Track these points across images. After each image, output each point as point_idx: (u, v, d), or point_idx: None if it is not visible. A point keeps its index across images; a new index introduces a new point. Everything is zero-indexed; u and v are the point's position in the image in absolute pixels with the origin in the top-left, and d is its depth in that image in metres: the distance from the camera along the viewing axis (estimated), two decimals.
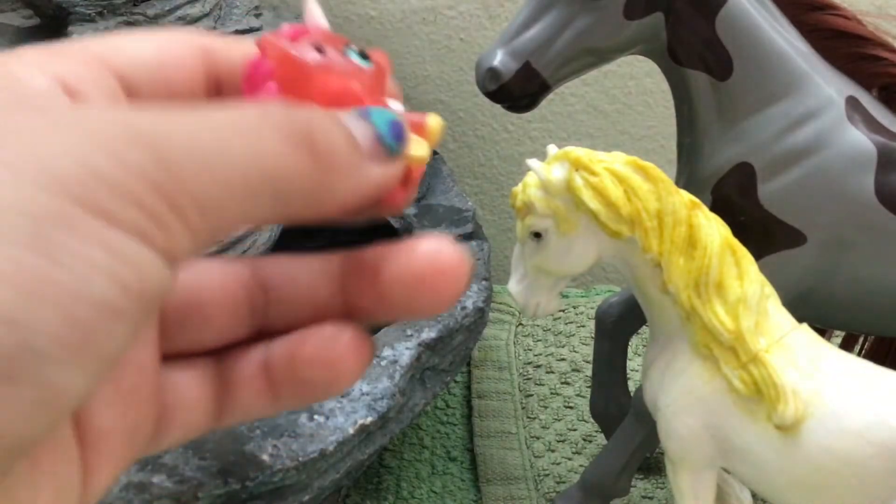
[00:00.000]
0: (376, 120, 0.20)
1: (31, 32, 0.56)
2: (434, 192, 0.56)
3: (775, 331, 0.35)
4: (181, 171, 0.16)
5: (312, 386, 0.22)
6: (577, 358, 0.62)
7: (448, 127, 0.72)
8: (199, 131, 0.17)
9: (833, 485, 0.33)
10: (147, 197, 0.16)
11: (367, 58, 0.22)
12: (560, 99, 0.71)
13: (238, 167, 0.17)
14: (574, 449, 0.55)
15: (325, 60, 0.21)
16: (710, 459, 0.36)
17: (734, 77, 0.40)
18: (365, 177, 0.20)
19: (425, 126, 0.22)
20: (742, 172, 0.41)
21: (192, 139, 0.17)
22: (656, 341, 0.37)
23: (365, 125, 0.20)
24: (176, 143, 0.16)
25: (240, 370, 0.22)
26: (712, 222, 0.34)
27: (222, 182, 0.17)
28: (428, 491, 0.52)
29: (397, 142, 0.20)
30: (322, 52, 0.21)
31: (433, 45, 0.70)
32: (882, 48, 0.41)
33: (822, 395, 0.33)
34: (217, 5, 0.56)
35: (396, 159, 0.20)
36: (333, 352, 0.22)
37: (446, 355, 0.44)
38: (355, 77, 0.21)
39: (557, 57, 0.40)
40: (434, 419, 0.58)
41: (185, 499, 0.33)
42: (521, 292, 0.36)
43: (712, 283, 0.34)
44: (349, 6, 0.69)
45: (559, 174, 0.34)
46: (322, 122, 0.19)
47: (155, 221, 0.16)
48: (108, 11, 0.54)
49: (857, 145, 0.40)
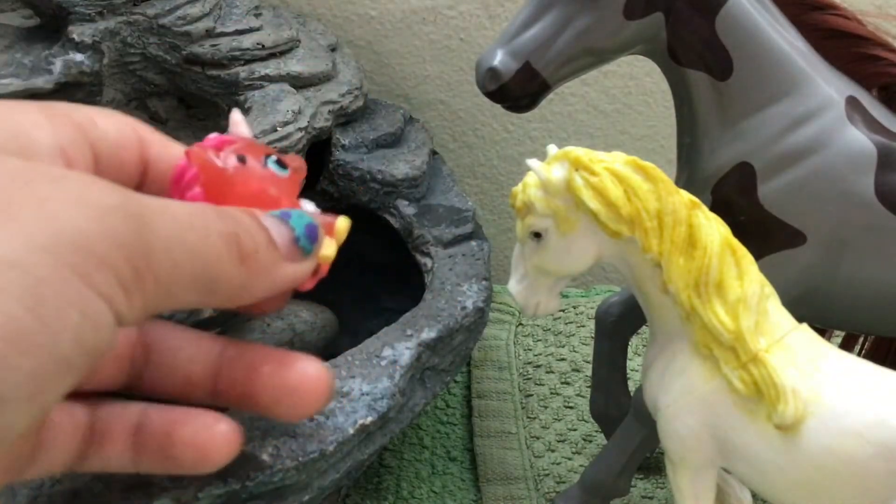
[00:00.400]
0: (295, 223, 0.22)
1: (30, 32, 0.56)
2: (434, 191, 0.56)
3: (775, 331, 0.35)
4: (152, 249, 0.18)
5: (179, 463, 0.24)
6: (577, 358, 0.62)
7: (448, 127, 0.73)
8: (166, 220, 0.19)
9: (833, 485, 0.33)
10: (122, 265, 0.18)
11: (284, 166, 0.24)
12: (560, 99, 0.71)
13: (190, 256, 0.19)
14: (574, 449, 0.55)
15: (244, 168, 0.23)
16: (709, 459, 0.36)
17: (734, 77, 0.40)
18: (280, 275, 0.22)
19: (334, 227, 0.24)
20: (742, 172, 0.41)
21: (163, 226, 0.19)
22: (656, 341, 0.37)
23: (284, 228, 0.22)
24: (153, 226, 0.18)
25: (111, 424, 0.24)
26: (712, 222, 0.35)
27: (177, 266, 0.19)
28: (428, 491, 0.52)
29: (311, 243, 0.22)
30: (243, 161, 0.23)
31: (433, 45, 0.70)
32: (882, 48, 0.41)
33: (823, 395, 0.33)
34: (217, 5, 0.56)
35: (309, 259, 0.23)
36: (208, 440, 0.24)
37: (446, 355, 0.44)
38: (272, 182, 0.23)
39: (557, 57, 0.40)
40: (434, 419, 0.58)
41: (185, 499, 0.33)
42: (521, 292, 0.37)
43: (712, 283, 0.34)
44: (349, 6, 0.69)
45: (559, 174, 0.34)
46: (247, 225, 0.21)
47: (122, 287, 0.18)
48: (108, 11, 0.54)
49: (858, 145, 0.40)
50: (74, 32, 0.53)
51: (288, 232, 0.22)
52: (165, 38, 0.55)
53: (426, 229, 0.52)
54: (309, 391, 0.24)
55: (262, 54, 0.55)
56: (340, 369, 0.40)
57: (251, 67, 0.54)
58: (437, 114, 0.73)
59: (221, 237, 0.20)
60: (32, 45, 0.55)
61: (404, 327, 0.43)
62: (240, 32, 0.55)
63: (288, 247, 0.22)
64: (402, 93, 0.72)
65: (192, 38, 0.55)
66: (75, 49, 0.53)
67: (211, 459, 0.24)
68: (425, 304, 0.46)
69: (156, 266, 0.18)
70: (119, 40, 0.55)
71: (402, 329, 0.43)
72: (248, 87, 0.54)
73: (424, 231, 0.52)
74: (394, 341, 0.42)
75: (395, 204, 0.54)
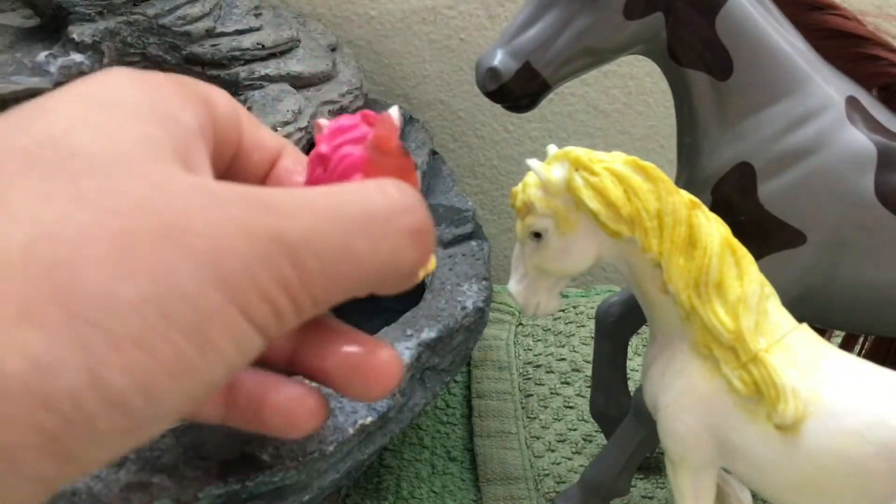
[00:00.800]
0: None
1: (30, 32, 0.56)
2: (434, 191, 0.56)
3: (775, 331, 0.35)
4: (310, 273, 0.18)
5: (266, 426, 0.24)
6: (577, 358, 0.62)
7: (448, 127, 0.73)
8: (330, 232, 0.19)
9: (833, 484, 0.33)
10: (278, 295, 0.18)
11: None
12: (560, 99, 0.71)
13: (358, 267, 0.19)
14: (574, 449, 0.55)
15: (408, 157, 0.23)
16: (709, 459, 0.36)
17: (734, 77, 0.40)
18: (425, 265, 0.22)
19: None
20: (742, 172, 0.41)
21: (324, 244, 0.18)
22: (656, 341, 0.37)
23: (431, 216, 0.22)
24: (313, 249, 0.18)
25: None
26: (712, 222, 0.34)
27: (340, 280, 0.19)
28: (428, 491, 0.52)
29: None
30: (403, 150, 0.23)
31: (433, 45, 0.70)
32: (882, 48, 0.41)
33: (823, 395, 0.33)
34: (217, 5, 0.56)
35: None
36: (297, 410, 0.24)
37: (446, 355, 0.44)
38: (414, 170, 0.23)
39: (557, 57, 0.40)
40: (434, 419, 0.58)
41: (185, 498, 0.33)
42: (521, 292, 0.36)
43: (712, 283, 0.34)
44: (349, 6, 0.69)
45: (559, 174, 0.34)
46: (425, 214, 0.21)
47: (276, 316, 0.18)
48: (108, 11, 0.54)
49: (857, 145, 0.40)
50: (74, 32, 0.53)
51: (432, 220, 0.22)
52: (165, 38, 0.55)
53: None
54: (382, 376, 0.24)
55: (262, 54, 0.55)
56: None
57: (251, 67, 0.55)
58: (436, 114, 0.73)
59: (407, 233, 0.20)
60: (32, 45, 0.55)
61: (404, 327, 0.43)
62: (240, 32, 0.55)
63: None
64: (402, 93, 0.72)
65: (192, 38, 0.55)
66: (75, 49, 0.53)
67: (297, 428, 0.25)
68: (425, 304, 0.46)
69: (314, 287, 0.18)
70: (119, 40, 0.55)
71: (402, 329, 0.43)
72: (249, 87, 0.54)
73: None
74: (394, 341, 0.42)
75: None
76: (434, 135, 0.68)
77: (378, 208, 0.20)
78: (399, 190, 0.21)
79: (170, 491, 0.33)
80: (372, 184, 0.21)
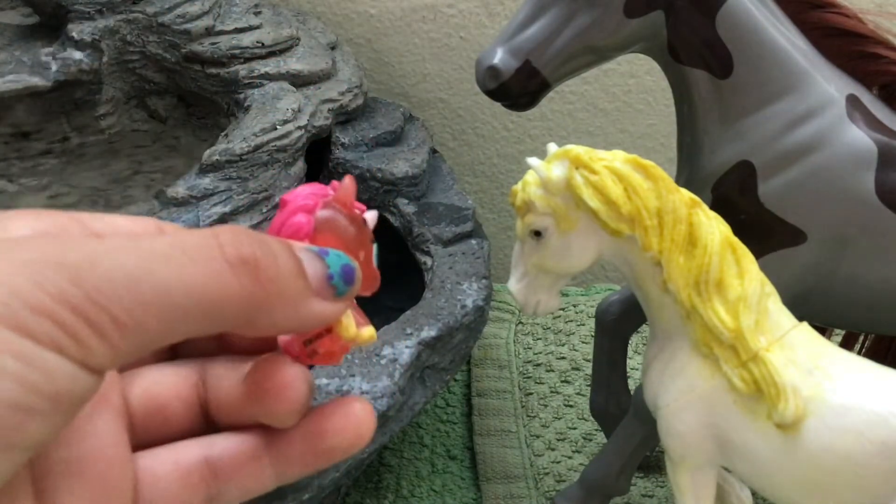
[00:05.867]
0: (332, 261, 0.22)
1: (30, 30, 0.56)
2: (434, 190, 0.56)
3: (775, 329, 0.34)
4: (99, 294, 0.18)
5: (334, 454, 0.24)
6: (577, 356, 0.62)
7: (448, 125, 0.72)
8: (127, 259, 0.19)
9: (834, 483, 0.33)
10: (63, 314, 0.18)
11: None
12: (560, 97, 0.71)
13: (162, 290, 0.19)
14: (574, 447, 0.55)
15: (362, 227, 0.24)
16: (710, 458, 0.36)
17: (734, 75, 0.40)
18: (308, 308, 0.21)
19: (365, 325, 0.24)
20: (742, 171, 0.41)
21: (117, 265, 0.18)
22: (656, 340, 0.37)
23: (318, 263, 0.22)
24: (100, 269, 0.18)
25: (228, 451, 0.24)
26: (712, 220, 0.34)
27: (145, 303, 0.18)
28: (428, 489, 0.52)
29: (346, 285, 0.22)
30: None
31: (433, 44, 0.70)
32: (882, 46, 0.41)
33: (823, 394, 0.33)
34: (216, 3, 0.56)
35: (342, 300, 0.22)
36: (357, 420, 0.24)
37: (446, 354, 0.44)
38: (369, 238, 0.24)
39: (557, 55, 0.40)
40: (434, 417, 0.58)
41: None
42: (521, 291, 0.36)
43: (712, 282, 0.34)
44: (349, 4, 0.69)
45: (559, 172, 0.34)
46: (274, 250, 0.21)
47: (70, 336, 0.18)
48: (108, 9, 0.54)
49: (858, 143, 0.40)
50: (74, 30, 0.53)
51: (322, 268, 0.22)
52: (165, 37, 0.55)
53: (426, 228, 0.52)
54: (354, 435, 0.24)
55: (262, 52, 0.55)
56: (340, 368, 0.40)
57: (251, 66, 0.54)
58: (436, 112, 0.72)
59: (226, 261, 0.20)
60: (32, 43, 0.55)
61: (404, 326, 0.43)
62: (239, 31, 0.55)
63: (319, 282, 0.22)
64: (402, 91, 0.72)
65: (191, 37, 0.55)
66: (74, 47, 0.53)
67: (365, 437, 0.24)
68: (425, 302, 0.46)
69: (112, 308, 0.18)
70: (118, 38, 0.54)
71: (402, 327, 0.43)
72: (248, 85, 0.54)
73: (424, 229, 0.52)
74: (394, 340, 0.42)
75: (394, 202, 0.54)
76: (434, 133, 0.68)
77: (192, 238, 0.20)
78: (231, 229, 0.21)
79: None
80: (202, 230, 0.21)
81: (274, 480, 0.24)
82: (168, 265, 0.19)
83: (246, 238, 0.20)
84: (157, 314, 0.19)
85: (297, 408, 0.23)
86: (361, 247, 0.24)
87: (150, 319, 0.19)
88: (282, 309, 0.21)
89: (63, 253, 0.18)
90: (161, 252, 0.19)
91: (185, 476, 0.23)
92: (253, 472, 0.24)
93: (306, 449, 0.24)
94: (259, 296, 0.20)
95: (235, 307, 0.20)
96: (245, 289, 0.20)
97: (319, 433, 0.24)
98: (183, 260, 0.19)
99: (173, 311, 0.19)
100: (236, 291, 0.20)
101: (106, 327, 0.18)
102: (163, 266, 0.19)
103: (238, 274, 0.20)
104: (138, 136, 0.59)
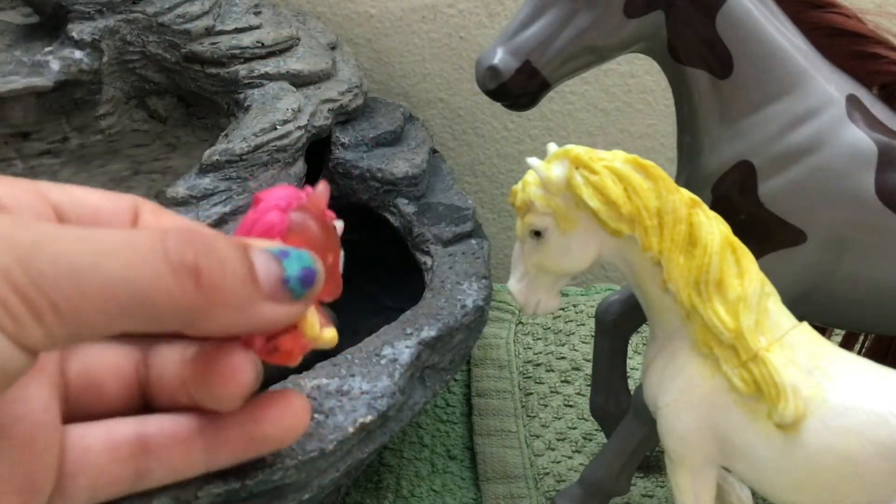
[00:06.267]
0: (290, 264, 0.22)
1: (30, 30, 0.56)
2: (433, 190, 0.56)
3: (775, 329, 0.34)
4: (42, 278, 0.18)
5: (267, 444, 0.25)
6: (577, 356, 0.62)
7: (448, 125, 0.72)
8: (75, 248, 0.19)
9: (834, 483, 0.33)
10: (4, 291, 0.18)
11: None
12: (560, 97, 0.71)
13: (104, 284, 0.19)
14: (574, 447, 0.55)
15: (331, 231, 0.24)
16: (709, 458, 0.36)
17: (734, 75, 0.40)
18: (259, 312, 0.21)
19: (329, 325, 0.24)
20: (742, 171, 0.41)
21: (64, 253, 0.19)
22: (656, 340, 0.37)
23: (274, 266, 0.22)
24: (47, 254, 0.19)
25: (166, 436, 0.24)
26: (712, 220, 0.34)
27: (86, 294, 0.19)
28: (428, 489, 0.52)
29: (304, 287, 0.22)
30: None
31: (433, 43, 0.70)
32: (882, 46, 0.41)
33: (823, 394, 0.33)
34: (216, 3, 0.56)
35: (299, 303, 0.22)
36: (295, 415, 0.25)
37: (446, 354, 0.44)
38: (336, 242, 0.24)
39: (557, 55, 0.40)
40: (434, 417, 0.58)
41: (184, 498, 0.33)
42: (521, 291, 0.36)
43: (712, 282, 0.34)
44: (349, 4, 0.69)
45: (559, 172, 0.34)
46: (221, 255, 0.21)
47: (8, 314, 0.18)
48: (108, 9, 0.54)
49: (858, 144, 0.40)
50: (74, 30, 0.53)
51: (277, 271, 0.22)
52: (165, 37, 0.55)
53: (426, 228, 0.52)
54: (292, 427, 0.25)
55: (262, 52, 0.55)
56: (340, 368, 0.40)
57: (251, 66, 0.54)
58: (436, 112, 0.72)
59: (167, 264, 0.20)
60: (32, 43, 0.55)
61: (404, 326, 0.43)
62: (239, 30, 0.55)
63: (273, 285, 0.22)
64: (402, 91, 0.72)
65: (191, 37, 0.55)
66: (74, 47, 0.53)
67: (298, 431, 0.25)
68: (425, 302, 0.46)
69: (52, 293, 0.18)
70: (118, 38, 0.54)
71: (402, 327, 0.43)
72: (248, 85, 0.54)
73: (424, 229, 0.52)
74: (394, 340, 0.42)
75: (394, 202, 0.54)
76: (434, 133, 0.68)
77: (141, 238, 0.20)
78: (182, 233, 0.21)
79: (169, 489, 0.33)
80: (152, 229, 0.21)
81: (204, 464, 0.25)
82: (114, 261, 0.19)
83: (193, 244, 0.21)
84: (96, 306, 0.19)
85: (241, 392, 0.23)
86: (329, 252, 0.24)
87: (89, 310, 0.19)
88: (226, 314, 0.21)
89: (13, 233, 0.19)
90: (110, 246, 0.19)
91: (114, 450, 0.23)
92: (184, 453, 0.24)
93: (240, 435, 0.24)
94: (200, 302, 0.20)
95: (175, 311, 0.20)
96: (186, 294, 0.20)
97: (256, 421, 0.24)
98: (130, 258, 0.19)
99: (113, 305, 0.19)
100: (177, 296, 0.20)
101: (44, 311, 0.18)
102: (109, 261, 0.19)
103: (180, 280, 0.20)
104: (138, 136, 0.59)
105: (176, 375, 0.24)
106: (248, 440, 0.24)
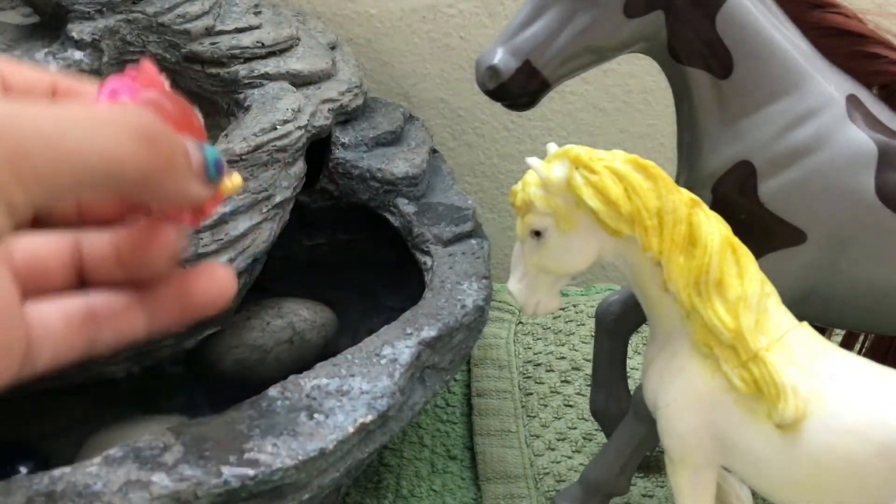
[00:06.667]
0: (207, 153, 0.26)
1: (30, 30, 0.56)
2: (434, 190, 0.56)
3: (775, 329, 0.34)
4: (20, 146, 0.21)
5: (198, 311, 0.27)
6: (577, 356, 0.62)
7: (448, 125, 0.72)
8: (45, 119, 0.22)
9: (833, 484, 0.33)
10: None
11: None
12: (560, 97, 0.71)
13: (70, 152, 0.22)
14: (574, 447, 0.55)
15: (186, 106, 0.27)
16: (709, 458, 0.36)
17: (734, 75, 0.40)
18: (188, 188, 0.25)
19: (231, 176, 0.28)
20: (742, 171, 0.41)
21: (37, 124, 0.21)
22: (656, 340, 0.37)
23: (198, 152, 0.25)
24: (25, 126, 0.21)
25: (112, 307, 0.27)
26: (712, 220, 0.34)
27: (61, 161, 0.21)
28: (428, 489, 0.52)
29: (217, 174, 0.26)
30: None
31: (433, 43, 0.70)
32: (882, 46, 0.41)
33: (823, 394, 0.33)
34: (216, 3, 0.56)
35: (212, 187, 0.26)
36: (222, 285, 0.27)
37: (446, 354, 0.44)
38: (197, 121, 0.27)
39: (557, 55, 0.40)
40: (434, 417, 0.58)
41: (184, 497, 0.33)
42: (521, 291, 0.36)
43: (712, 282, 0.34)
44: (349, 4, 0.69)
45: (559, 172, 0.34)
46: (167, 131, 0.24)
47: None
48: (107, 9, 0.54)
49: (858, 144, 0.40)
50: (74, 30, 0.53)
51: (200, 156, 0.25)
52: (165, 37, 0.55)
53: (426, 228, 0.52)
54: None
55: (262, 52, 0.55)
56: (340, 367, 0.40)
57: (251, 65, 0.54)
58: (436, 112, 0.72)
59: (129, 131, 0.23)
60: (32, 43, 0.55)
61: (404, 326, 0.43)
62: (239, 30, 0.55)
63: (199, 167, 0.25)
64: (402, 91, 0.72)
65: (191, 37, 0.55)
66: (74, 47, 0.53)
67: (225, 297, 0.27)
68: (425, 302, 0.46)
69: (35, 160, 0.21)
70: (118, 38, 0.54)
71: (402, 327, 0.43)
72: (248, 85, 0.54)
73: (424, 229, 0.52)
74: (394, 340, 0.42)
75: (394, 202, 0.54)
76: (434, 133, 0.67)
77: (101, 109, 0.23)
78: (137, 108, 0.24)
79: (169, 490, 0.33)
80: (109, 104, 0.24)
81: (146, 327, 0.28)
82: (82, 130, 0.22)
83: (150, 117, 0.24)
84: (70, 171, 0.22)
85: (172, 255, 0.26)
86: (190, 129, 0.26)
87: (63, 175, 0.21)
88: (171, 183, 0.24)
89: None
90: (76, 118, 0.22)
91: (69, 321, 0.26)
92: (127, 319, 0.27)
93: (174, 303, 0.27)
94: (156, 166, 0.23)
95: (135, 174, 0.23)
96: (147, 159, 0.23)
97: (186, 290, 0.27)
98: (95, 127, 0.22)
99: (84, 170, 0.22)
100: (141, 160, 0.23)
101: (26, 175, 0.21)
102: (78, 130, 0.22)
103: (143, 145, 0.23)
104: None
105: (109, 255, 0.27)
106: (181, 307, 0.27)
